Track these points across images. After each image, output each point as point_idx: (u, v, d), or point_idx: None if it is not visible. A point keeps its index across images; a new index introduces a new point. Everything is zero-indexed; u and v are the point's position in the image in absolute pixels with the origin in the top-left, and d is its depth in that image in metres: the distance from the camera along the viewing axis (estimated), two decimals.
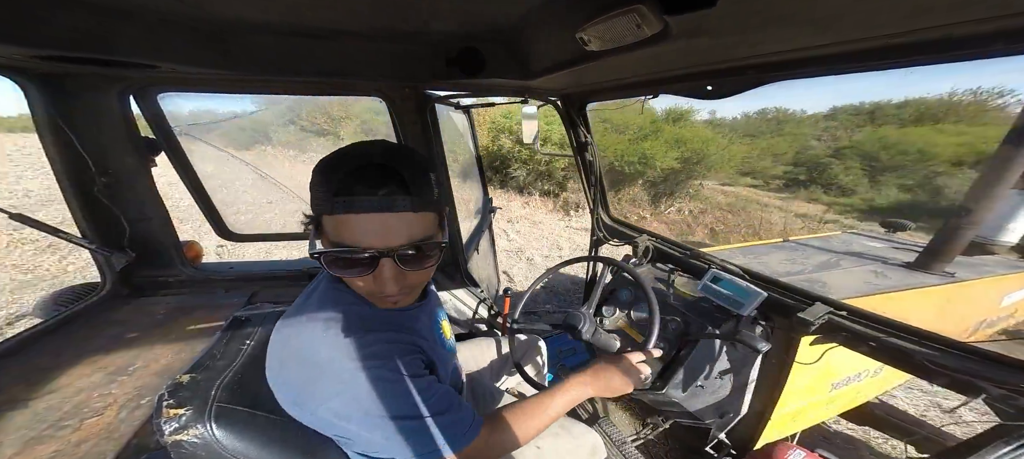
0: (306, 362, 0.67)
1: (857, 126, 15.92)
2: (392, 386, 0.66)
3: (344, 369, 0.65)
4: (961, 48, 0.65)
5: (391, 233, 0.61)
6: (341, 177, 0.59)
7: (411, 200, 0.61)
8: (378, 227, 0.60)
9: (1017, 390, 0.82)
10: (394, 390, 0.66)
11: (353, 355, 0.65)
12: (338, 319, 0.69)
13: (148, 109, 1.49)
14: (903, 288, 1.63)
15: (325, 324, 0.68)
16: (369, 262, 0.63)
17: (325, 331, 0.67)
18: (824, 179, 11.51)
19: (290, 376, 0.69)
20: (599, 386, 0.95)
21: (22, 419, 1.00)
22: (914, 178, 10.78)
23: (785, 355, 1.22)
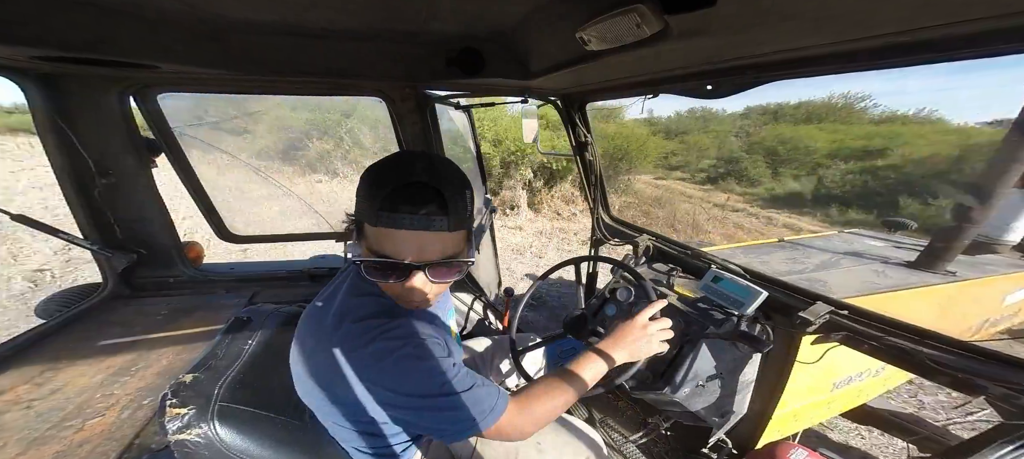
0: (339, 347, 0.70)
1: (763, 123, 17.83)
2: (424, 364, 0.70)
3: (378, 348, 0.68)
4: (961, 48, 0.64)
5: (426, 249, 0.66)
6: (388, 193, 0.64)
7: (448, 220, 0.65)
8: (416, 243, 0.65)
9: (1019, 389, 0.82)
10: (427, 368, 0.70)
11: (386, 336, 0.70)
12: (367, 308, 0.74)
13: (148, 109, 1.49)
14: (904, 287, 1.63)
15: (355, 312, 0.73)
16: (404, 272, 0.67)
17: (357, 317, 0.72)
18: (737, 172, 12.66)
19: (321, 363, 0.72)
20: (628, 350, 0.94)
21: (25, 419, 1.00)
22: (802, 169, 12.17)
23: (786, 354, 1.22)
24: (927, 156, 11.26)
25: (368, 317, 0.72)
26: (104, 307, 1.55)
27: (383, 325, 0.71)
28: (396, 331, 0.71)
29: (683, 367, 1.29)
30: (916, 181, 9.62)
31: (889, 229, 2.60)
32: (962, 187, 7.98)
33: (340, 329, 0.71)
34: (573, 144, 1.92)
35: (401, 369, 0.69)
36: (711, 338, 1.27)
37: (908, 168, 10.62)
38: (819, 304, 1.17)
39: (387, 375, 0.68)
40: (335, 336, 0.71)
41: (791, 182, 11.47)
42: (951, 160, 10.53)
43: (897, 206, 8.66)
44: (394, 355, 0.68)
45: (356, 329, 0.71)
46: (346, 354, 0.69)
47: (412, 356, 0.70)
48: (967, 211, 1.75)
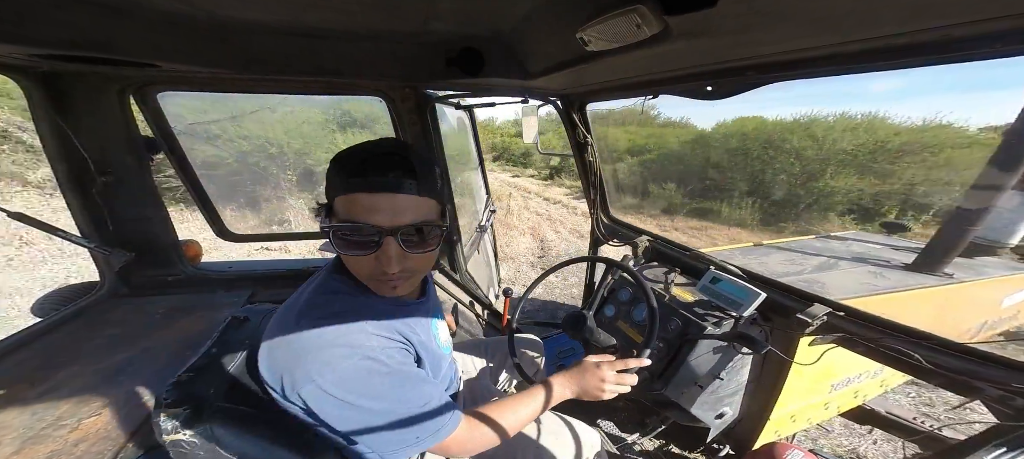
0: (293, 344, 0.67)
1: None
2: (376, 375, 0.68)
3: (331, 352, 0.66)
4: (961, 48, 0.65)
5: (397, 212, 0.66)
6: (356, 162, 0.65)
7: (417, 184, 0.67)
8: (386, 205, 0.65)
9: (1015, 390, 0.83)
10: (377, 379, 0.68)
11: (340, 341, 0.67)
12: (331, 306, 0.71)
13: (148, 109, 1.48)
14: (902, 289, 1.63)
15: (318, 310, 0.70)
16: (375, 241, 0.66)
17: (317, 316, 0.69)
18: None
19: (277, 358, 0.68)
20: (579, 389, 0.95)
21: (21, 418, 1.00)
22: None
23: (784, 355, 1.22)
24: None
25: (328, 315, 0.69)
26: (101, 305, 1.54)
27: (342, 327, 0.68)
28: (353, 337, 0.68)
29: (681, 368, 1.29)
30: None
31: (887, 231, 2.60)
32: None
33: (297, 325, 0.68)
34: (573, 144, 1.92)
35: (351, 374, 0.65)
36: (709, 339, 1.27)
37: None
38: (817, 305, 1.17)
39: (336, 380, 0.65)
40: (292, 333, 0.68)
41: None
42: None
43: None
44: (348, 361, 0.65)
45: (312, 327, 0.68)
46: (298, 354, 0.66)
47: (366, 366, 0.67)
48: (965, 213, 1.76)
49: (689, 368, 1.29)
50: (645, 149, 12.76)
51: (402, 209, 0.66)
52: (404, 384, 0.70)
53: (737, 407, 1.39)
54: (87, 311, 1.49)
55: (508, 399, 0.88)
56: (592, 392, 0.96)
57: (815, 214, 7.27)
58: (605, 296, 1.67)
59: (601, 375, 0.96)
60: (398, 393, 0.69)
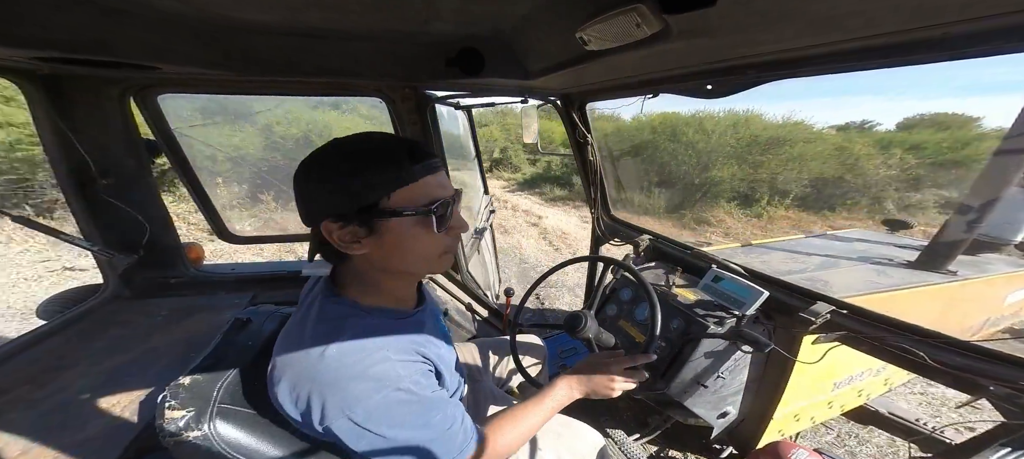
0: (317, 378, 0.66)
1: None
2: (404, 406, 0.67)
3: (360, 386, 0.65)
4: (961, 47, 0.64)
5: (448, 185, 0.73)
6: (403, 153, 0.67)
7: (439, 161, 0.74)
8: (444, 181, 0.72)
9: (1021, 388, 0.82)
10: (406, 409, 0.68)
11: (368, 373, 0.66)
12: (343, 334, 0.69)
13: (148, 110, 1.49)
14: (905, 287, 1.62)
15: (333, 339, 0.68)
16: (450, 207, 0.72)
17: (335, 347, 0.67)
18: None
19: (301, 389, 0.67)
20: (588, 389, 0.96)
21: (25, 420, 1.00)
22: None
23: (787, 354, 1.22)
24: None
25: (345, 345, 0.68)
26: (105, 308, 1.55)
27: (364, 356, 0.67)
28: (379, 368, 0.67)
29: (684, 367, 1.29)
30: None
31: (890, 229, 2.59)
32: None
33: (316, 357, 0.67)
34: (573, 144, 1.92)
35: (378, 410, 0.65)
36: (712, 338, 1.26)
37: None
38: (820, 304, 1.17)
39: (365, 415, 0.65)
40: (310, 364, 0.67)
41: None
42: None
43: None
44: (375, 397, 0.65)
45: (333, 359, 0.66)
46: (324, 388, 0.65)
47: (393, 399, 0.66)
48: (968, 209, 1.74)
49: (692, 367, 1.29)
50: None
51: (447, 182, 0.73)
52: (430, 410, 0.70)
53: (740, 406, 1.39)
54: (91, 313, 1.50)
55: (519, 407, 0.89)
56: (602, 391, 0.97)
57: (709, 200, 7.98)
58: (606, 295, 1.67)
59: (610, 373, 0.97)
60: (425, 419, 0.69)
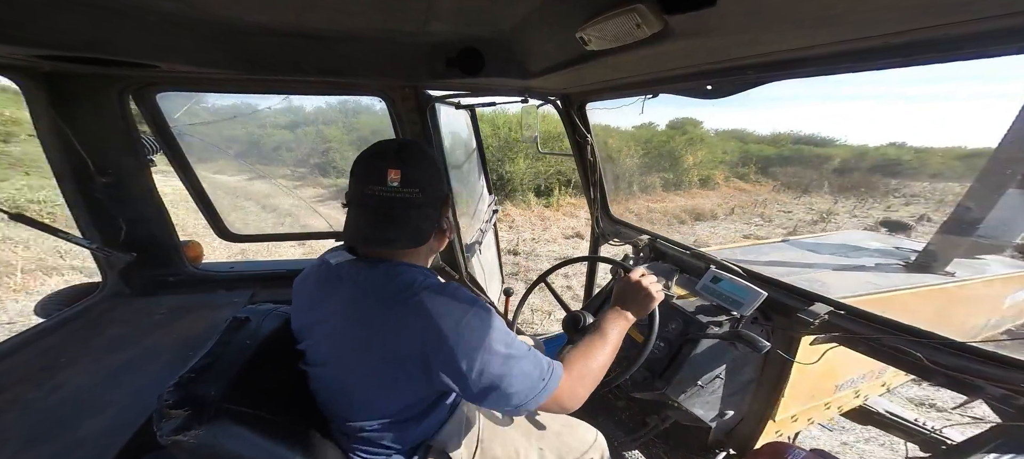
0: (420, 312, 0.72)
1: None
2: (498, 323, 0.75)
3: (463, 314, 0.73)
4: (961, 48, 0.65)
5: None
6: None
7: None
8: None
9: (1017, 389, 0.82)
10: (501, 327, 0.75)
11: (462, 298, 0.75)
12: (429, 277, 0.81)
13: (148, 109, 1.49)
14: (904, 288, 1.63)
15: (422, 281, 0.77)
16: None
17: (428, 286, 0.76)
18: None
19: (391, 330, 0.73)
20: (634, 308, 1.02)
21: (23, 418, 1.00)
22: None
23: (785, 355, 1.22)
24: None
25: (437, 283, 0.77)
26: (103, 306, 1.54)
27: (455, 289, 0.76)
28: (466, 293, 0.76)
29: (682, 367, 1.29)
30: None
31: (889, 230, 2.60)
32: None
33: (417, 296, 0.73)
34: (573, 144, 1.92)
35: (485, 326, 0.73)
36: (710, 338, 1.27)
37: None
38: (818, 305, 1.17)
39: (477, 333, 0.72)
40: (411, 302, 0.73)
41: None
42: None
43: None
44: (475, 315, 0.73)
45: (435, 294, 0.74)
46: (431, 318, 0.71)
47: (487, 318, 0.74)
48: (966, 211, 1.75)
49: (690, 368, 1.29)
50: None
51: None
52: (515, 340, 0.77)
53: (738, 407, 1.39)
54: (89, 311, 1.49)
55: (584, 345, 0.92)
56: (645, 304, 1.04)
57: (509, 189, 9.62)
58: (606, 295, 1.67)
59: (645, 286, 1.04)
60: (513, 339, 0.76)
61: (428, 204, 0.79)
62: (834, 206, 10.76)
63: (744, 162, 15.00)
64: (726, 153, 14.84)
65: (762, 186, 13.44)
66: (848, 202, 11.37)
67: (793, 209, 10.45)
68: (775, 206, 10.69)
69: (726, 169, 13.64)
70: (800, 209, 10.49)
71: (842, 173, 14.41)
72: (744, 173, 13.96)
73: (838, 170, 14.90)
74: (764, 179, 13.85)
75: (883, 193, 12.88)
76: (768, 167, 15.00)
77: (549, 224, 7.86)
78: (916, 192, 12.98)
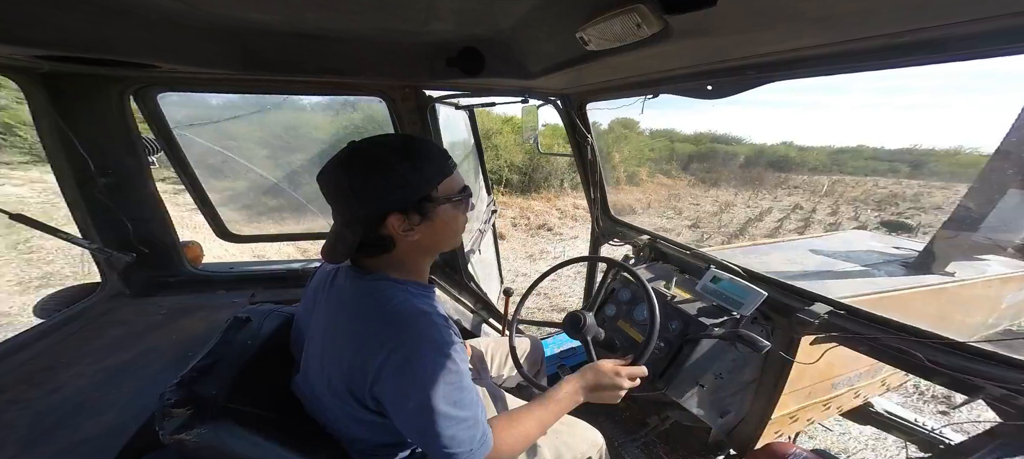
0: (375, 340, 0.70)
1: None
2: (446, 377, 0.70)
3: (412, 345, 0.70)
4: (961, 47, 0.65)
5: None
6: (436, 150, 0.78)
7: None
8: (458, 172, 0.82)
9: (1017, 389, 0.82)
10: (446, 381, 0.70)
11: (421, 333, 0.71)
12: (397, 299, 0.75)
13: (148, 109, 1.48)
14: (904, 288, 1.63)
15: (386, 305, 0.74)
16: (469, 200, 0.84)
17: (388, 310, 0.73)
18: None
19: (359, 361, 0.71)
20: (591, 394, 0.96)
21: (23, 419, 1.00)
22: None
23: (785, 355, 1.22)
24: None
25: (410, 310, 0.73)
26: (103, 307, 1.54)
27: (427, 324, 0.72)
28: (431, 330, 0.72)
29: (683, 367, 1.29)
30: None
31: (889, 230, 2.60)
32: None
33: (384, 315, 0.72)
34: (573, 144, 1.92)
35: (436, 372, 0.69)
36: (710, 339, 1.27)
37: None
38: (818, 304, 1.17)
39: (425, 375, 0.68)
40: (377, 320, 0.72)
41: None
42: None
43: None
44: (432, 356, 0.69)
45: (400, 319, 0.72)
46: (386, 342, 0.69)
47: (442, 364, 0.70)
48: (967, 211, 1.75)
49: (690, 368, 1.29)
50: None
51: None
52: (462, 391, 0.72)
53: (739, 407, 1.39)
54: (89, 312, 1.49)
55: (525, 409, 0.89)
56: (607, 396, 0.97)
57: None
58: (606, 295, 1.67)
59: (614, 379, 0.96)
60: (458, 397, 0.71)
61: (357, 216, 0.74)
62: (734, 198, 12.64)
63: (669, 159, 16.74)
64: (652, 150, 16.36)
65: (681, 181, 15.32)
66: (745, 194, 13.52)
67: (701, 202, 11.82)
68: (688, 199, 12.10)
69: (651, 166, 15.13)
70: (707, 202, 11.96)
71: (745, 167, 17.36)
72: (668, 169, 15.66)
73: (742, 165, 17.94)
74: (684, 174, 15.81)
75: (773, 185, 15.75)
76: (688, 163, 16.76)
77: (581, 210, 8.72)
78: (797, 184, 16.19)
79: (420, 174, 0.74)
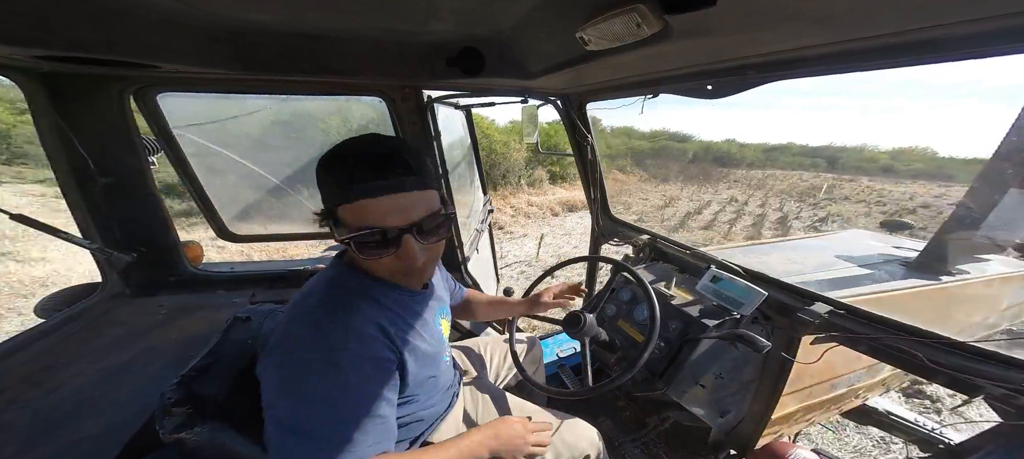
0: (279, 324, 0.70)
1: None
2: (321, 383, 0.63)
3: (297, 335, 0.66)
4: (961, 47, 0.65)
5: (406, 211, 0.67)
6: (351, 167, 0.64)
7: (416, 179, 0.67)
8: (394, 207, 0.65)
9: (1018, 389, 0.82)
10: (319, 388, 0.63)
11: (315, 322, 0.67)
12: (327, 294, 0.72)
13: (148, 109, 1.49)
14: (904, 288, 1.63)
15: (313, 298, 0.71)
16: (395, 240, 0.67)
17: (307, 294, 0.71)
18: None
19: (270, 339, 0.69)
20: (499, 446, 0.88)
21: (23, 419, 1.00)
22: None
23: (785, 355, 1.22)
24: None
25: (319, 305, 0.70)
26: (103, 306, 1.54)
27: (327, 318, 0.67)
28: (330, 325, 0.66)
29: (682, 367, 1.29)
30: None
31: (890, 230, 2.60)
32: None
33: (293, 304, 0.71)
34: (573, 144, 1.92)
35: (304, 379, 0.62)
36: (710, 338, 1.27)
37: None
38: (818, 304, 1.17)
39: (291, 377, 0.63)
40: (288, 312, 0.71)
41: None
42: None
43: None
44: (308, 354, 0.64)
45: (300, 303, 0.71)
46: (281, 328, 0.68)
47: (317, 366, 0.63)
48: (967, 211, 1.75)
49: (690, 368, 1.29)
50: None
51: (410, 206, 0.67)
52: (340, 405, 0.64)
53: (738, 407, 1.39)
54: (89, 312, 1.49)
55: (424, 452, 0.79)
56: (511, 453, 0.89)
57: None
58: (606, 295, 1.67)
59: (521, 441, 0.90)
60: (331, 415, 0.63)
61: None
62: (679, 192, 13.64)
63: (625, 155, 17.58)
64: (610, 148, 17.22)
65: (635, 176, 16.43)
66: (690, 188, 14.54)
67: (649, 197, 12.70)
68: (637, 193, 12.90)
69: (607, 162, 16.03)
70: (655, 196, 12.87)
71: (693, 163, 18.71)
72: (623, 165, 16.48)
73: (691, 160, 19.17)
74: (637, 170, 16.97)
75: (716, 180, 16.94)
76: (643, 160, 17.85)
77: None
78: (736, 178, 17.88)
79: (324, 186, 0.68)
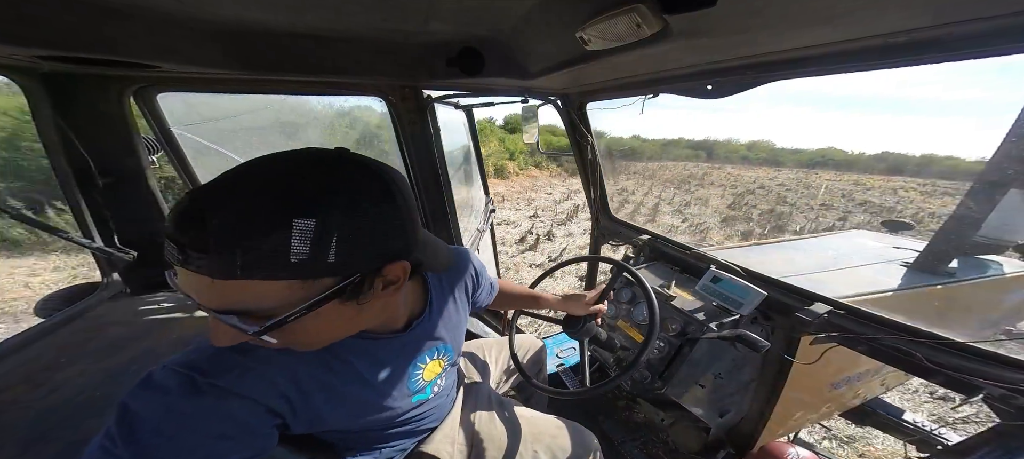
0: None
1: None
2: (157, 416, 0.50)
3: (162, 371, 0.55)
4: (961, 47, 0.65)
5: (200, 294, 0.45)
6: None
7: (208, 261, 0.42)
8: (185, 283, 0.46)
9: (1017, 389, 0.82)
10: (150, 412, 0.50)
11: (193, 365, 0.56)
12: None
13: (148, 109, 1.49)
14: (904, 288, 1.63)
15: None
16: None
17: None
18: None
19: None
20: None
21: (22, 419, 1.00)
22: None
23: (785, 355, 1.22)
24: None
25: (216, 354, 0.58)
26: (103, 306, 1.54)
27: (217, 358, 0.57)
28: (212, 365, 0.56)
29: (682, 367, 1.29)
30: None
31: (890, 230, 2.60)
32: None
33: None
34: (573, 144, 1.92)
35: (149, 407, 0.50)
36: (710, 338, 1.27)
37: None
38: (818, 304, 1.17)
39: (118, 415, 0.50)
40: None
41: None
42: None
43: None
44: (165, 392, 0.52)
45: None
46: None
47: (159, 407, 0.50)
48: (968, 211, 1.75)
49: (689, 368, 1.29)
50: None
51: (201, 291, 0.45)
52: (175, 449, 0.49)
53: (738, 407, 1.39)
54: (89, 311, 1.49)
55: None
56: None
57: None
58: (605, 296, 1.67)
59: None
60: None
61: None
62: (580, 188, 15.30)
63: (542, 150, 19.12)
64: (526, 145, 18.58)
65: (549, 171, 16.78)
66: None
67: (554, 191, 13.02)
68: (545, 190, 13.32)
69: (522, 158, 16.06)
70: (562, 189, 13.37)
71: (603, 157, 22.62)
72: (540, 161, 16.86)
73: (601, 154, 23.50)
74: (553, 165, 17.39)
75: (617, 173, 17.75)
76: (559, 156, 18.94)
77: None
78: (636, 170, 18.88)
79: None
